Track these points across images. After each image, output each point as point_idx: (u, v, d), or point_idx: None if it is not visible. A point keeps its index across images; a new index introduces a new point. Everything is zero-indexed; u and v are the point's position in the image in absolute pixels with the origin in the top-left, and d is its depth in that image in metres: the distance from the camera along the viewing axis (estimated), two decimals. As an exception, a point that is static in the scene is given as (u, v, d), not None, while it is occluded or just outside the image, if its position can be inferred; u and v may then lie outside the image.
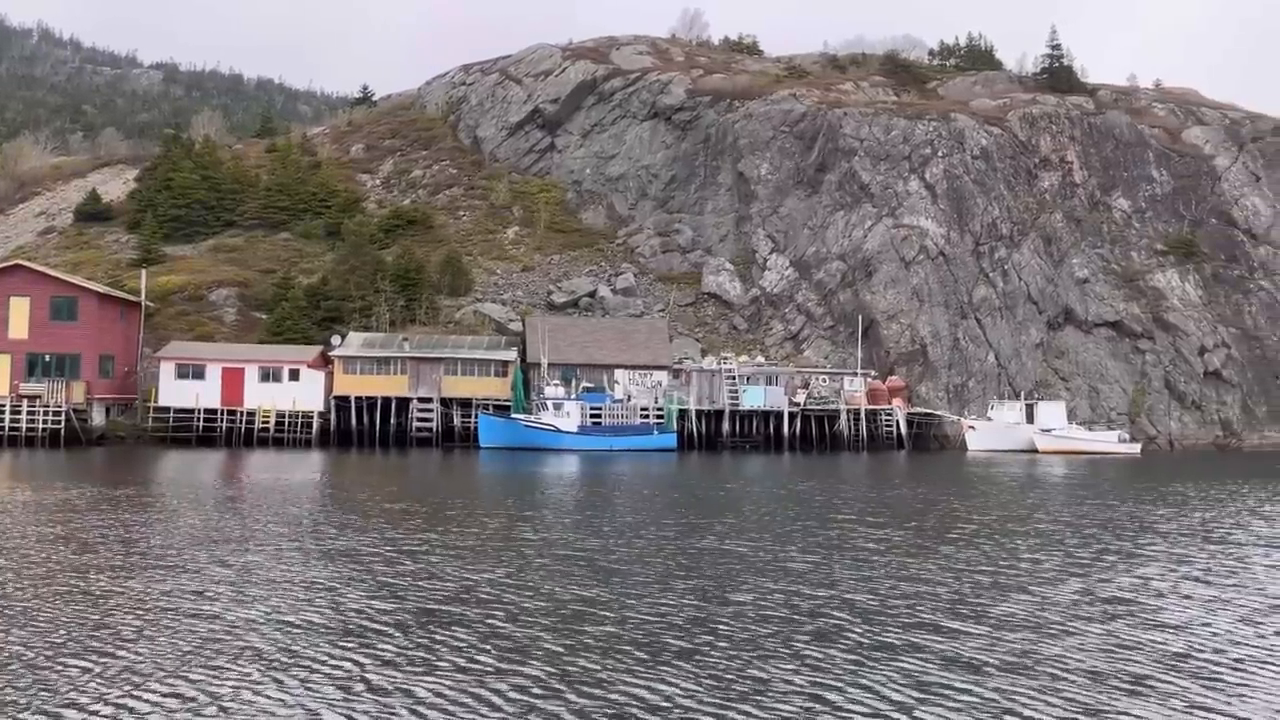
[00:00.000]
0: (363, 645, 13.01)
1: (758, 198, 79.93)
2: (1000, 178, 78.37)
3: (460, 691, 11.18)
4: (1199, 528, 25.93)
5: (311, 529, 23.21)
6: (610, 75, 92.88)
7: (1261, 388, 75.85)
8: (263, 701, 10.80)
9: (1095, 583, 17.82)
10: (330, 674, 11.79)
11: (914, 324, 70.06)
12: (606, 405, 60.04)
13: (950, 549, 21.69)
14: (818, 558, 20.13)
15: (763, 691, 11.17)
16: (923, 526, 25.59)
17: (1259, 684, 11.73)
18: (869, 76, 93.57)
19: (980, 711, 10.57)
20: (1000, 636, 13.70)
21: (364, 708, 10.64)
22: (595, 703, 10.81)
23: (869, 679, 11.66)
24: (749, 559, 19.80)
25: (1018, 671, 11.95)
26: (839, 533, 24.11)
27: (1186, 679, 11.87)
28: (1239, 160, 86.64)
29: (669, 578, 17.73)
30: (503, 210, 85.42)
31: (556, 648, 12.92)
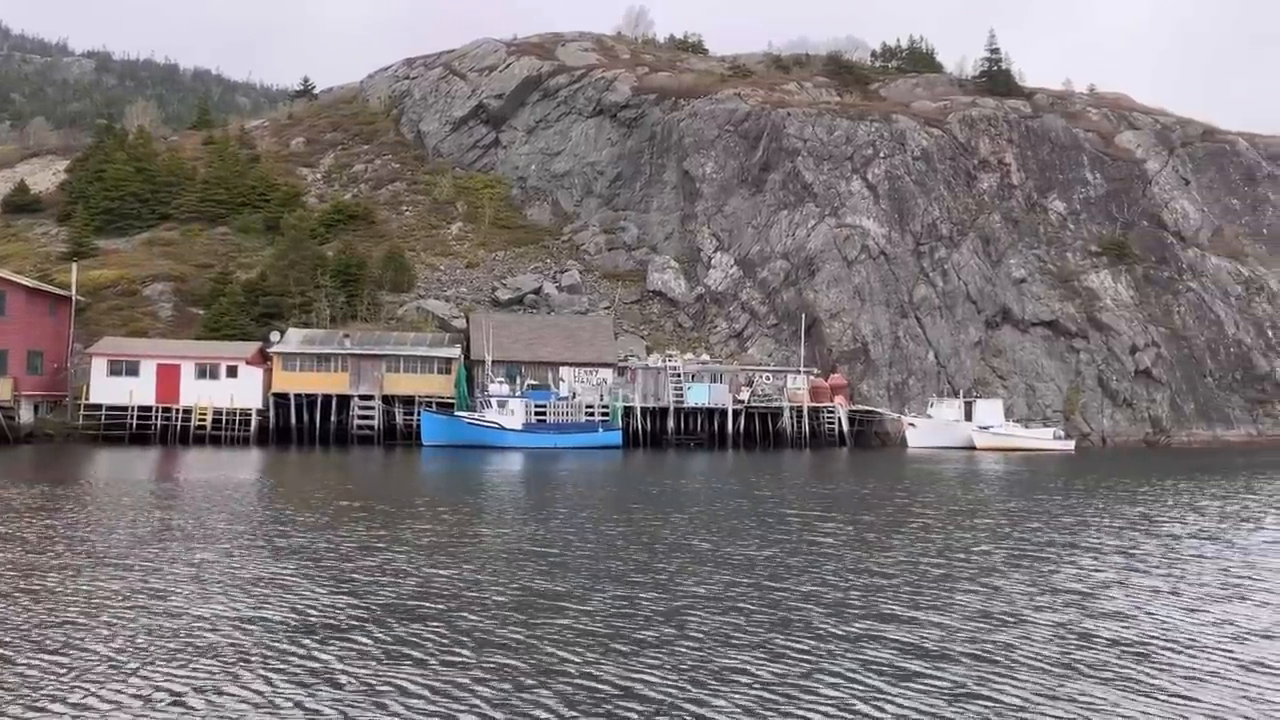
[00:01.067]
0: (332, 640, 12.84)
1: (702, 196, 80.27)
2: (940, 179, 79.61)
3: (436, 683, 11.11)
4: (1138, 521, 26.61)
5: (261, 527, 22.80)
6: (555, 72, 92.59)
7: (1189, 386, 78.04)
8: (234, 698, 10.62)
9: (1044, 574, 18.21)
10: (302, 669, 11.64)
11: (856, 322, 70.90)
12: (551, 403, 59.82)
13: (902, 542, 22.02)
14: (774, 551, 20.31)
15: (735, 679, 11.31)
16: (873, 521, 25.93)
17: (1206, 667, 12.12)
18: (812, 77, 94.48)
19: (946, 696, 10.80)
20: (959, 625, 13.98)
21: (339, 701, 10.51)
22: (572, 692, 10.84)
23: (837, 666, 11.86)
24: (708, 553, 19.91)
25: (979, 658, 12.21)
26: (792, 527, 24.31)
27: (1137, 663, 12.21)
28: (1169, 164, 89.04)
29: (631, 571, 17.78)
30: (446, 206, 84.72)
31: (530, 640, 12.89)
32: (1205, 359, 79.51)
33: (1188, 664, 12.26)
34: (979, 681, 11.32)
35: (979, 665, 11.94)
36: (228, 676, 11.31)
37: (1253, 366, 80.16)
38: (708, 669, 11.69)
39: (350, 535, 21.52)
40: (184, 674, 11.37)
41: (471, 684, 11.13)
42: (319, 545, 20.12)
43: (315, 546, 19.97)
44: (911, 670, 11.71)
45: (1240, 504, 31.69)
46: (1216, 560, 20.15)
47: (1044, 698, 10.81)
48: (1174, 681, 11.51)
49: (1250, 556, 20.74)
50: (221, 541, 20.44)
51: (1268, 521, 27.05)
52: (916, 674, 11.56)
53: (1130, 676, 11.63)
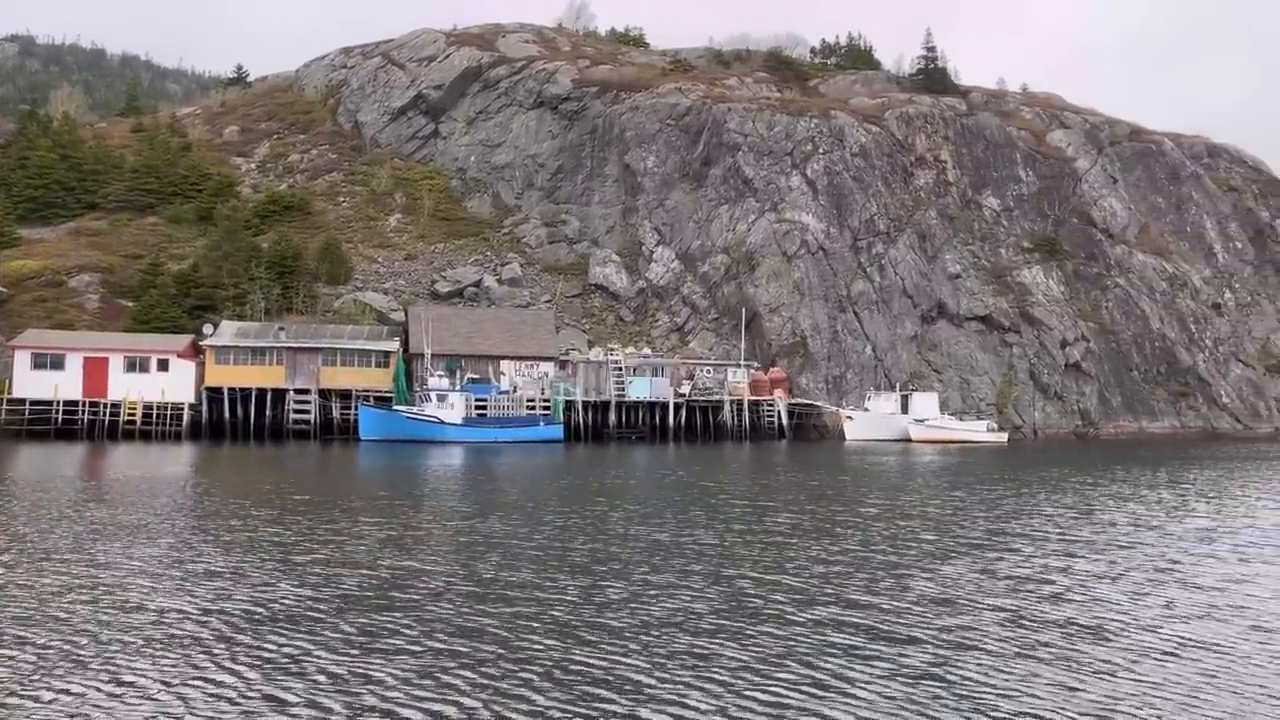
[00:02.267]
0: (297, 631, 12.66)
1: (644, 190, 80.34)
2: (878, 175, 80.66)
3: (407, 672, 11.05)
4: (1076, 511, 27.26)
5: (205, 521, 22.33)
6: (496, 63, 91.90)
7: (1117, 379, 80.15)
8: (202, 689, 10.43)
9: (990, 561, 18.60)
10: (267, 660, 11.47)
11: (795, 317, 71.57)
12: (492, 397, 59.44)
13: (852, 531, 22.33)
14: (728, 540, 20.47)
15: (709, 663, 11.45)
16: (821, 511, 26.22)
17: (1152, 647, 12.50)
18: (753, 73, 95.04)
19: (911, 676, 11.06)
20: (916, 610, 14.28)
21: (311, 690, 10.40)
22: (549, 678, 10.86)
23: (804, 649, 12.06)
24: (665, 543, 20.02)
25: (938, 641, 12.51)
26: (743, 517, 24.52)
27: (1087, 644, 12.57)
28: (1098, 163, 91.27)
29: (591, 561, 17.81)
30: (385, 197, 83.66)
31: (499, 628, 12.85)
32: (1132, 353, 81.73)
33: (1134, 643, 12.64)
34: (941, 662, 11.60)
35: (939, 648, 12.22)
36: (194, 668, 11.09)
37: (1176, 361, 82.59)
38: (680, 653, 11.81)
39: (298, 529, 21.15)
40: (149, 666, 11.14)
41: (442, 672, 11.06)
42: (268, 539, 19.77)
43: (264, 540, 19.61)
44: (875, 652, 11.97)
45: (1170, 494, 32.63)
46: (1153, 547, 20.73)
47: (1004, 676, 11.10)
48: (1122, 659, 11.87)
49: (1184, 543, 21.36)
50: (166, 537, 19.95)
51: (1199, 510, 27.90)
52: (880, 656, 11.82)
53: (1080, 656, 11.97)
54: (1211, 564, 18.75)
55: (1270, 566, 18.59)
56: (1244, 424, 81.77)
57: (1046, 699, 10.37)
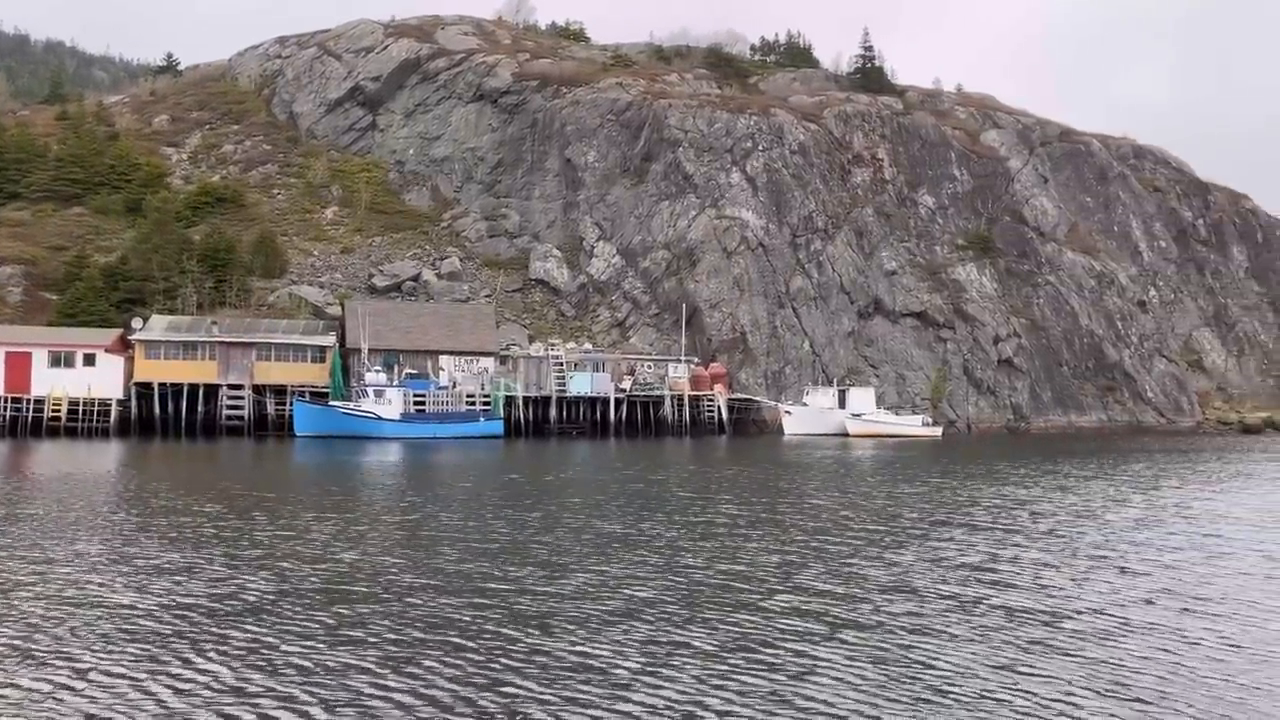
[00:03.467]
0: (266, 623, 12.58)
1: (585, 185, 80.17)
2: (816, 173, 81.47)
3: (383, 662, 11.01)
4: (1014, 501, 27.90)
5: (151, 517, 21.83)
6: (435, 55, 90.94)
7: (1047, 375, 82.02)
8: (171, 682, 10.29)
9: (938, 549, 19.01)
10: (238, 652, 11.38)
11: (735, 312, 72.03)
12: (431, 392, 58.87)
13: (801, 521, 22.63)
14: (680, 532, 20.65)
15: (681, 650, 11.61)
16: (768, 503, 26.54)
17: (1098, 629, 12.93)
18: (693, 69, 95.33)
19: (874, 658, 11.37)
20: (869, 597, 14.62)
21: (286, 683, 10.31)
22: (524, 668, 10.91)
23: (769, 636, 12.30)
24: (619, 534, 20.15)
25: (896, 626, 12.86)
26: (692, 510, 24.67)
27: (1037, 627, 12.94)
28: (1030, 163, 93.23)
29: (550, 554, 17.85)
30: (321, 189, 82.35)
31: (468, 621, 12.85)
32: (1061, 349, 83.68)
33: (1081, 626, 13.04)
34: (903, 647, 11.91)
35: (897, 633, 12.55)
36: (156, 661, 10.94)
37: (1104, 356, 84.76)
38: (649, 642, 11.94)
39: (244, 525, 20.79)
40: (110, 661, 10.95)
41: (414, 663, 11.03)
42: (215, 535, 19.43)
43: (212, 536, 19.28)
44: (838, 638, 12.25)
45: (1104, 485, 33.52)
46: (1091, 536, 21.30)
47: (960, 658, 11.41)
48: (1069, 642, 12.24)
49: (1121, 532, 21.98)
50: (111, 534, 19.52)
51: (1133, 500, 28.72)
52: (842, 642, 12.11)
53: (1030, 639, 12.32)
54: (1148, 551, 19.34)
55: (1201, 554, 19.21)
56: (1167, 418, 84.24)
57: (1002, 679, 10.66)
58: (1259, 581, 16.49)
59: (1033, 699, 10.05)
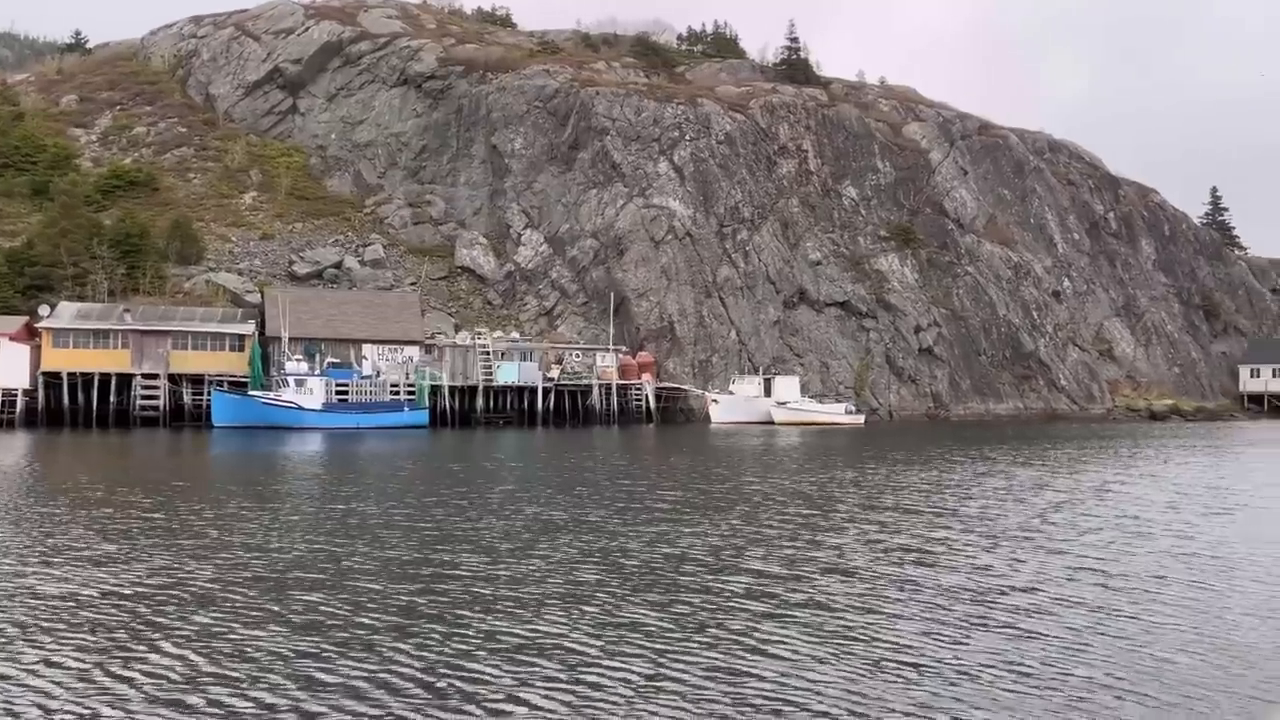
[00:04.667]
0: (219, 611, 12.44)
1: (512, 172, 79.54)
2: (743, 163, 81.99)
3: (344, 648, 10.96)
4: (943, 486, 28.58)
5: (78, 509, 21.16)
6: (358, 38, 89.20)
7: (966, 363, 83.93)
8: (124, 672, 10.06)
9: (873, 531, 19.41)
10: (194, 639, 11.22)
11: (663, 302, 72.24)
12: (354, 381, 57.97)
13: (740, 506, 22.91)
14: (620, 518, 20.83)
15: (639, 631, 11.77)
16: (703, 489, 26.82)
17: (1031, 605, 13.37)
18: (620, 57, 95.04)
19: (827, 636, 11.63)
20: (815, 578, 14.93)
21: (244, 668, 10.21)
22: (483, 649, 10.98)
23: (729, 617, 12.51)
24: (560, 521, 20.24)
25: (844, 606, 13.15)
26: (631, 496, 24.79)
27: (972, 604, 13.32)
28: (950, 156, 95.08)
29: (497, 539, 17.91)
30: (239, 174, 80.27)
31: (425, 605, 12.89)
32: (980, 338, 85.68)
33: (1015, 603, 13.47)
34: (846, 624, 12.26)
35: (840, 611, 12.89)
36: (108, 653, 10.74)
37: (1020, 345, 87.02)
38: (606, 623, 12.07)
39: (175, 515, 20.37)
40: (60, 652, 10.72)
41: (375, 646, 11.02)
42: (148, 525, 19.01)
43: (145, 527, 18.86)
44: (784, 616, 12.55)
45: (1026, 469, 34.50)
46: (1016, 517, 21.92)
47: (903, 634, 11.75)
48: (1005, 617, 12.64)
49: (1044, 513, 22.65)
50: (39, 525, 18.97)
51: (1055, 484, 29.58)
52: (789, 619, 12.42)
53: (968, 615, 12.69)
54: (1070, 531, 19.94)
55: (1120, 533, 19.85)
56: (1080, 405, 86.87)
57: (942, 653, 10.98)
58: (1172, 558, 17.13)
59: (972, 670, 10.35)
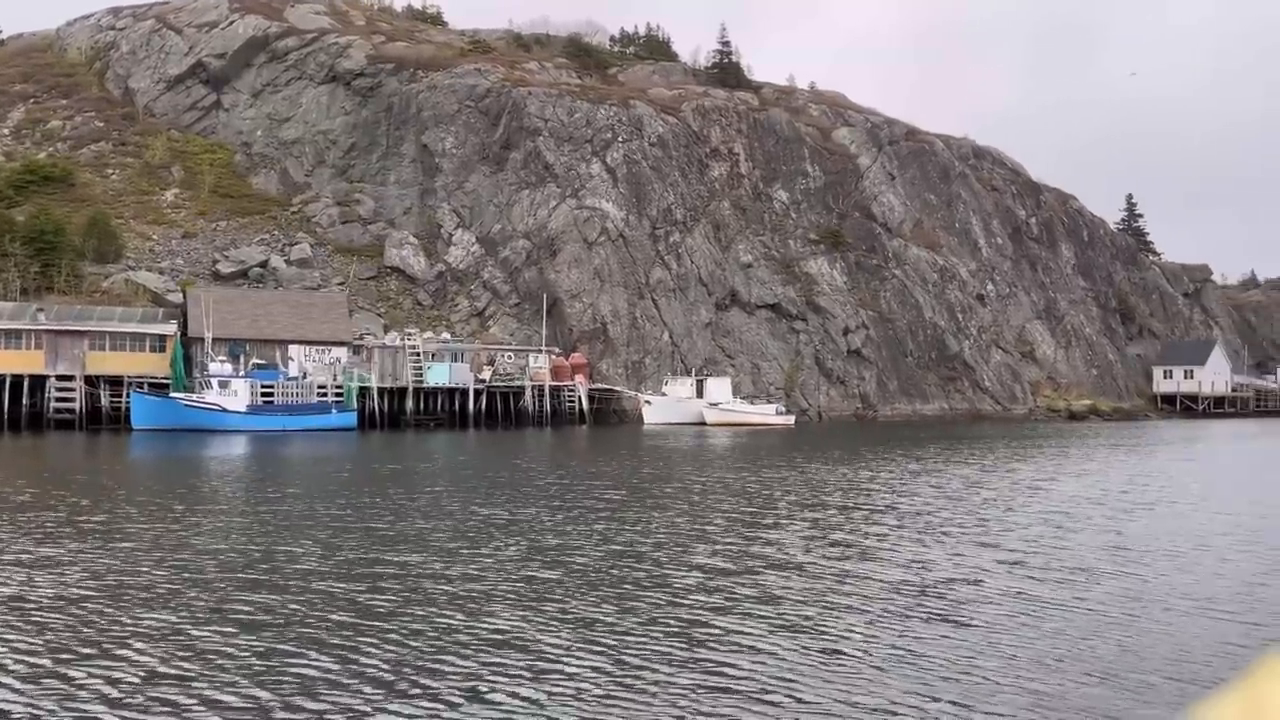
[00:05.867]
0: (175, 611, 12.28)
1: (443, 171, 78.69)
2: (675, 165, 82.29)
3: (313, 646, 10.88)
4: (879, 481, 29.00)
5: (5, 512, 20.42)
6: (284, 33, 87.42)
7: (893, 365, 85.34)
8: (86, 671, 9.89)
9: (815, 527, 19.66)
10: (154, 639, 11.06)
11: (595, 303, 72.11)
12: (280, 383, 56.75)
13: (682, 505, 23.06)
14: (565, 516, 20.88)
15: (594, 625, 11.87)
16: (645, 489, 26.90)
17: (975, 596, 13.70)
18: (553, 58, 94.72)
19: (777, 627, 11.83)
20: (764, 573, 15.14)
21: (207, 667, 10.08)
22: (453, 647, 10.94)
23: (680, 612, 12.70)
24: (506, 521, 20.20)
25: (793, 599, 13.38)
26: (571, 495, 24.75)
27: (919, 597, 13.63)
28: (878, 161, 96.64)
29: (445, 539, 17.91)
30: (160, 170, 78.11)
31: (384, 604, 12.85)
32: (907, 340, 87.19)
33: (961, 595, 13.77)
34: (797, 615, 12.51)
35: (790, 603, 13.11)
36: (68, 651, 10.58)
37: (945, 347, 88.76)
38: (561, 619, 12.12)
39: (105, 518, 19.83)
40: (13, 653, 10.49)
41: (341, 645, 10.94)
42: (85, 528, 18.49)
43: (82, 530, 18.36)
44: (737, 610, 12.76)
45: (957, 468, 35.22)
46: (950, 513, 22.37)
47: (852, 624, 12.01)
48: (950, 608, 12.90)
49: (978, 509, 23.19)
50: None
51: (988, 481, 30.25)
52: (742, 612, 12.64)
53: (917, 607, 12.95)
54: (1005, 526, 20.43)
55: (1050, 528, 20.36)
56: (1003, 406, 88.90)
57: (892, 641, 11.24)
58: (1100, 550, 17.67)
59: (918, 658, 10.58)
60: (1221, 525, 21.03)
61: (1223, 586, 14.51)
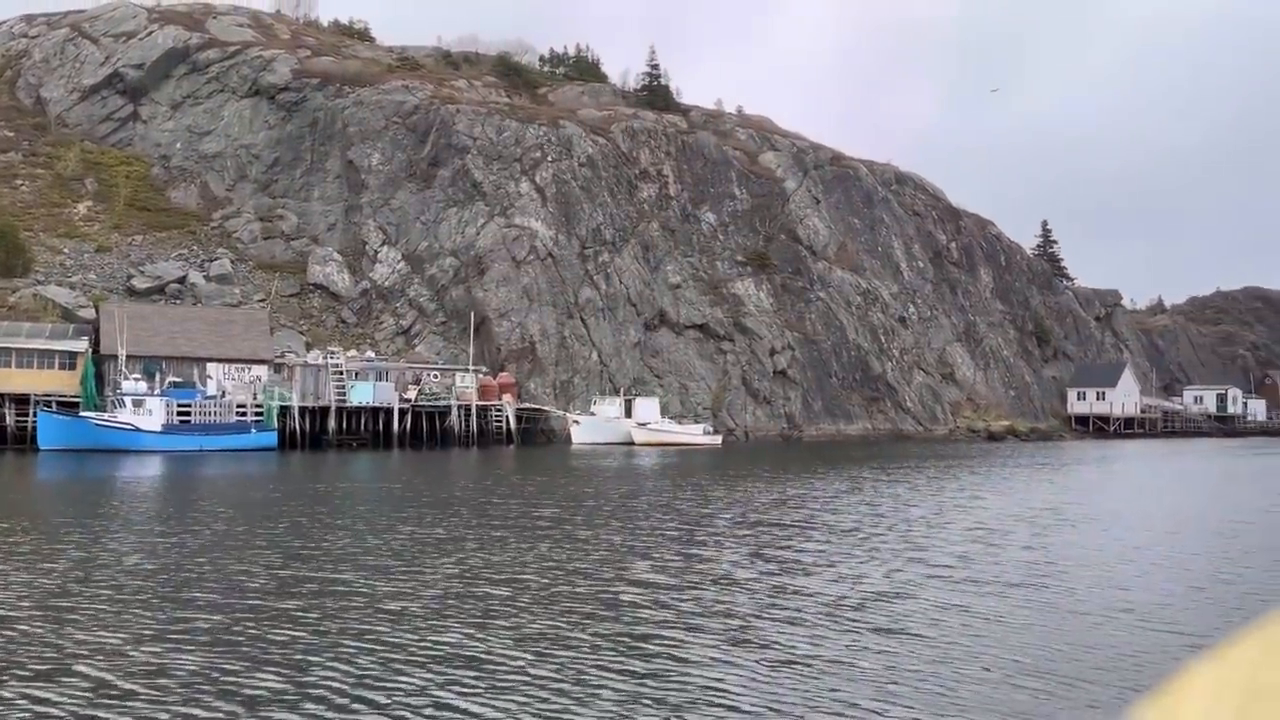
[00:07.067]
0: (119, 628, 12.09)
1: (368, 188, 77.68)
2: (604, 185, 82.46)
3: (253, 659, 10.80)
4: (812, 499, 29.26)
5: None
6: (206, 45, 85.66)
7: (818, 385, 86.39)
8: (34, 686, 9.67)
9: (750, 545, 19.74)
10: (99, 655, 10.90)
11: (524, 322, 71.69)
12: (197, 402, 55.15)
13: (618, 523, 23.06)
14: (503, 534, 20.87)
15: (549, 639, 11.97)
16: (579, 508, 26.82)
17: (914, 610, 13.95)
18: (482, 76, 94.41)
19: (726, 639, 12.05)
20: (706, 589, 15.32)
21: (156, 685, 9.89)
22: (412, 663, 10.87)
23: (640, 626, 12.87)
24: (444, 540, 20.13)
25: (726, 613, 13.53)
26: (508, 514, 24.57)
27: (858, 611, 13.81)
28: (804, 185, 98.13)
29: (385, 557, 17.82)
30: (73, 182, 75.70)
31: (352, 620, 12.81)
32: (831, 361, 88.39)
33: (898, 609, 14.01)
34: (743, 627, 12.71)
35: (737, 616, 13.30)
36: (11, 660, 10.41)
37: (869, 369, 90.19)
38: (513, 634, 12.16)
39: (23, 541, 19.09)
40: None
41: (304, 665, 10.76)
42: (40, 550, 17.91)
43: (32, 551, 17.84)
44: (685, 623, 12.93)
45: (886, 486, 35.73)
46: (882, 530, 22.66)
47: (799, 635, 12.12)
48: (889, 621, 13.12)
49: (910, 526, 23.54)
50: None
51: (916, 500, 30.70)
52: (689, 626, 12.80)
53: (856, 621, 13.12)
54: (940, 542, 20.76)
55: (978, 544, 20.77)
56: (924, 426, 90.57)
57: (836, 651, 11.42)
58: (1026, 565, 18.11)
59: (862, 668, 10.75)
60: (1139, 539, 21.61)
61: (1143, 597, 14.88)
